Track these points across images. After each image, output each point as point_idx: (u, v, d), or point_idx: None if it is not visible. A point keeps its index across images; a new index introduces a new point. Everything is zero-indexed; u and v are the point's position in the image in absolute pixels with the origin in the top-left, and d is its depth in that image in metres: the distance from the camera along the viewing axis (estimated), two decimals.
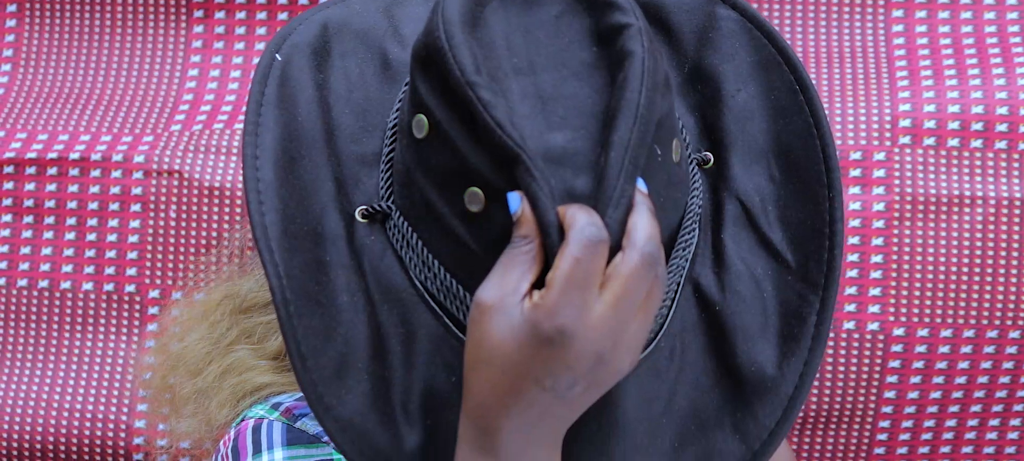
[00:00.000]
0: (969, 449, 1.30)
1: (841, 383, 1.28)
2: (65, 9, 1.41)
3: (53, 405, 1.34)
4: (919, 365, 1.27)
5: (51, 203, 1.34)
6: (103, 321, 1.35)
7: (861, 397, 1.28)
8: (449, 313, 0.75)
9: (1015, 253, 1.25)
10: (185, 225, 1.33)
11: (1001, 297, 1.26)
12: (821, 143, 0.79)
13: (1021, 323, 1.26)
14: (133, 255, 1.34)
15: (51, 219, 1.34)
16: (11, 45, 1.42)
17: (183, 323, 1.03)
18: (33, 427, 1.34)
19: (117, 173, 1.33)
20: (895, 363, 1.27)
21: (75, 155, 1.34)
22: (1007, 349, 1.26)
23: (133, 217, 1.33)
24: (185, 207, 1.33)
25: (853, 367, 1.28)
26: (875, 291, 1.27)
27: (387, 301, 0.76)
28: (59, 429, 1.34)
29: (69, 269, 1.35)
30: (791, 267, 0.78)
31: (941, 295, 1.26)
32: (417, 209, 0.75)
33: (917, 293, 1.27)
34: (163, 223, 1.33)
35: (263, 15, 1.39)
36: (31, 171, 1.34)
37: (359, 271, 0.77)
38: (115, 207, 1.33)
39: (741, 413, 0.77)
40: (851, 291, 1.27)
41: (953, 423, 1.29)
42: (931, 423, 1.29)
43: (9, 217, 1.35)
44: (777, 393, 0.76)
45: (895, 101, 1.29)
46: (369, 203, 0.78)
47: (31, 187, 1.34)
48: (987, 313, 1.26)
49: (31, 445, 1.34)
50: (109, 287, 1.34)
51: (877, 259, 1.27)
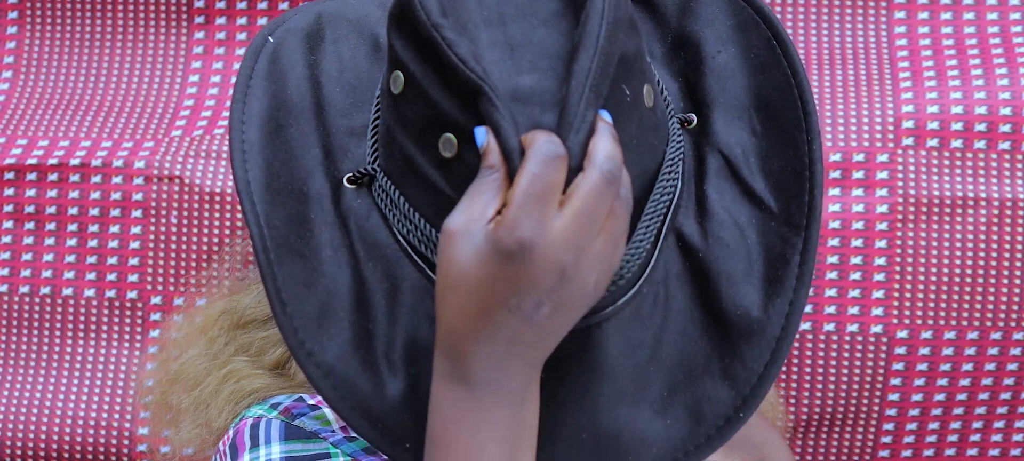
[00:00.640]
0: (974, 452, 1.30)
1: (845, 386, 1.28)
2: (66, 15, 1.42)
3: (56, 412, 1.34)
4: (923, 367, 1.27)
5: (52, 209, 1.34)
6: (105, 327, 1.35)
7: (865, 400, 1.28)
8: (431, 264, 0.76)
9: (1019, 254, 1.25)
10: (186, 231, 1.33)
11: (1005, 299, 1.25)
12: (798, 91, 0.81)
13: None
14: (135, 261, 1.34)
15: (52, 225, 1.34)
16: (12, 52, 1.42)
17: (181, 340, 1.03)
18: (36, 434, 1.34)
19: (118, 179, 1.33)
20: (899, 365, 1.27)
21: (76, 161, 1.34)
22: (1011, 350, 1.26)
23: (134, 223, 1.33)
24: (186, 213, 1.33)
25: (856, 369, 1.27)
26: (878, 293, 1.26)
27: (372, 257, 0.78)
28: (62, 436, 1.34)
29: (71, 275, 1.35)
30: (774, 213, 0.79)
31: (945, 297, 1.26)
32: (398, 166, 0.77)
33: (921, 295, 1.26)
34: (164, 229, 1.33)
35: (264, 21, 1.39)
36: (32, 177, 1.34)
37: (344, 229, 0.79)
38: (116, 213, 1.33)
39: (729, 358, 0.77)
40: (854, 293, 1.27)
41: (957, 425, 1.29)
42: (935, 425, 1.29)
43: (10, 224, 1.35)
44: (764, 335, 0.77)
45: (898, 102, 1.29)
46: (356, 170, 0.80)
47: (32, 193, 1.35)
48: (991, 315, 1.25)
49: (34, 452, 1.34)
50: (111, 293, 1.34)
51: (880, 261, 1.26)
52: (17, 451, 1.34)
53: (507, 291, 0.67)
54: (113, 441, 1.33)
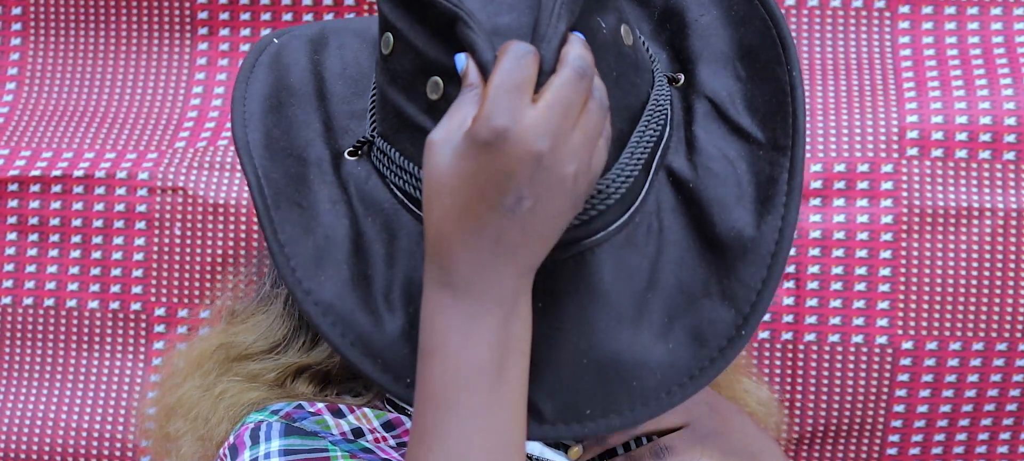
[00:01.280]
0: None
1: (850, 397, 1.27)
2: (69, 27, 1.42)
3: (60, 424, 1.34)
4: (928, 378, 1.26)
5: (56, 221, 1.34)
6: (109, 339, 1.35)
7: (870, 411, 1.27)
8: None
9: None
10: (190, 242, 1.33)
11: (1010, 309, 1.25)
12: (777, 31, 0.84)
13: None
14: (138, 273, 1.34)
15: (56, 237, 1.34)
16: (16, 63, 1.42)
17: (179, 372, 1.03)
18: (40, 446, 1.34)
19: (121, 190, 1.33)
20: (904, 377, 1.26)
21: (79, 172, 1.34)
22: (1017, 361, 1.25)
23: (138, 235, 1.33)
24: (190, 224, 1.32)
25: (862, 381, 1.27)
26: (883, 304, 1.26)
27: (370, 213, 0.80)
28: (66, 448, 1.34)
29: (75, 287, 1.35)
30: (761, 143, 0.82)
31: (950, 307, 1.26)
32: (392, 124, 0.80)
33: (926, 305, 1.26)
34: (168, 241, 1.33)
35: (267, 32, 1.39)
36: (35, 189, 1.34)
37: (343, 190, 0.81)
38: (120, 225, 1.33)
39: (727, 279, 0.79)
40: (859, 304, 1.26)
41: (963, 437, 1.28)
42: (941, 437, 1.28)
43: (14, 235, 1.35)
44: (759, 252, 0.79)
45: (902, 112, 1.29)
46: (356, 141, 0.83)
47: (36, 205, 1.35)
48: (997, 325, 1.25)
49: None
50: (114, 305, 1.34)
51: (885, 272, 1.26)
52: None
53: (486, 184, 0.69)
54: (117, 453, 1.33)
